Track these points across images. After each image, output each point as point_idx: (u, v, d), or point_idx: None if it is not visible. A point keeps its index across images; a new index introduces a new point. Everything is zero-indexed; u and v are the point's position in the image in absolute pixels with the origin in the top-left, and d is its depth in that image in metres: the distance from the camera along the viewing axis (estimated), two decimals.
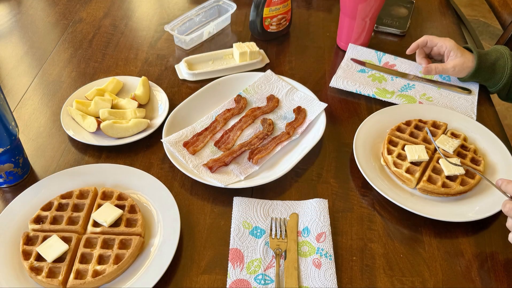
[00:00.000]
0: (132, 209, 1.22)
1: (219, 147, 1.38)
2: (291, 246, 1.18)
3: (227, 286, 1.12)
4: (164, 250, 1.16)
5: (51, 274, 1.11)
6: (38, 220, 1.20)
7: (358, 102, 1.58)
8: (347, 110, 1.55)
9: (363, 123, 1.43)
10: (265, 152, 1.36)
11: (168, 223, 1.21)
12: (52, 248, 1.14)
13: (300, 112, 1.45)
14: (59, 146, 1.42)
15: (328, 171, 1.36)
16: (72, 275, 1.11)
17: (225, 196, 1.29)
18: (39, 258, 1.13)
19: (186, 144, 1.36)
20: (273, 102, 1.48)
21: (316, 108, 1.46)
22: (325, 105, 1.46)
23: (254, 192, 1.30)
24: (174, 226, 1.19)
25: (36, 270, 1.11)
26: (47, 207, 1.22)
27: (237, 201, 1.27)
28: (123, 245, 1.16)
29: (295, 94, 1.53)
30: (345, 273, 1.15)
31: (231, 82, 1.57)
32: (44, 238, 1.16)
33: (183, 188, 1.31)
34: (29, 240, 1.17)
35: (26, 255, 1.14)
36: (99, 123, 1.38)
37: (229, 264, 1.15)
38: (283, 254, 1.17)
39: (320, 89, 1.63)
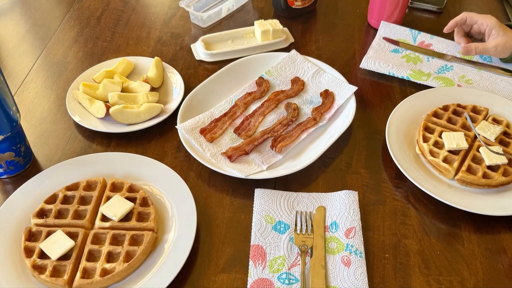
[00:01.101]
0: (144, 202, 1.19)
1: (239, 134, 1.35)
2: (317, 242, 1.15)
3: (248, 286, 1.09)
4: (179, 247, 1.13)
5: (56, 273, 1.09)
6: (42, 214, 1.18)
7: (391, 85, 1.54)
8: (379, 94, 1.51)
9: (397, 108, 1.39)
10: (289, 140, 1.33)
11: (183, 217, 1.18)
12: (56, 244, 1.11)
13: (327, 96, 1.42)
14: (64, 133, 1.39)
15: (358, 160, 1.33)
16: (78, 274, 1.08)
17: (246, 187, 1.26)
18: (43, 255, 1.11)
19: (203, 131, 1.34)
20: (298, 85, 1.44)
21: (345, 92, 1.42)
22: (355, 88, 1.43)
23: (277, 184, 1.27)
24: (190, 221, 1.16)
25: (39, 269, 1.09)
26: (51, 199, 1.19)
27: (258, 193, 1.24)
28: (134, 241, 1.14)
29: (322, 77, 1.49)
30: (377, 272, 1.12)
31: (252, 63, 1.54)
32: (48, 234, 1.13)
33: (200, 179, 1.28)
34: (32, 236, 1.14)
35: (28, 252, 1.11)
36: (108, 108, 1.35)
37: (250, 262, 1.12)
38: (309, 251, 1.14)
39: (350, 70, 1.59)
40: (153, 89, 1.44)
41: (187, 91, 1.44)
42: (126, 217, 1.17)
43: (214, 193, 1.26)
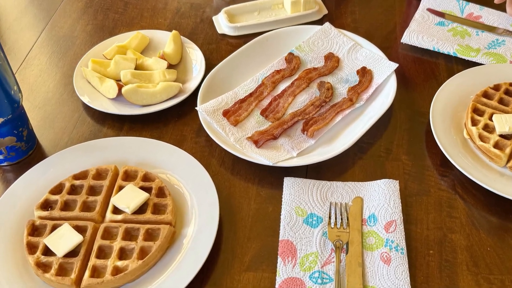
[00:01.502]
0: (161, 192, 1.13)
1: (266, 116, 1.27)
2: (354, 237, 1.08)
3: (277, 286, 1.01)
4: (200, 242, 1.06)
5: (62, 271, 1.03)
6: (46, 205, 1.12)
7: (436, 62, 1.46)
8: (423, 72, 1.43)
9: (442, 87, 1.31)
10: (322, 123, 1.25)
11: (204, 209, 1.11)
12: (63, 239, 1.05)
13: (365, 74, 1.33)
14: (72, 116, 1.31)
15: (399, 146, 1.25)
16: (87, 273, 1.02)
17: (274, 176, 1.19)
18: (48, 252, 1.05)
19: (226, 113, 1.26)
20: (332, 62, 1.36)
21: (384, 69, 1.34)
22: (396, 65, 1.34)
23: (309, 172, 1.20)
24: (212, 213, 1.10)
25: (43, 267, 1.03)
26: (57, 189, 1.13)
27: (288, 182, 1.17)
28: (150, 236, 1.08)
29: (359, 52, 1.41)
30: (420, 271, 1.04)
31: (281, 38, 1.46)
32: (54, 228, 1.07)
33: (223, 166, 1.21)
34: (35, 230, 1.08)
35: (32, 248, 1.05)
36: (120, 87, 1.28)
37: (279, 259, 1.05)
38: (345, 247, 1.06)
39: (390, 45, 1.51)
40: (170, 66, 1.36)
41: (208, 68, 1.36)
42: (140, 209, 1.10)
43: (238, 182, 1.19)
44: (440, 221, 1.11)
